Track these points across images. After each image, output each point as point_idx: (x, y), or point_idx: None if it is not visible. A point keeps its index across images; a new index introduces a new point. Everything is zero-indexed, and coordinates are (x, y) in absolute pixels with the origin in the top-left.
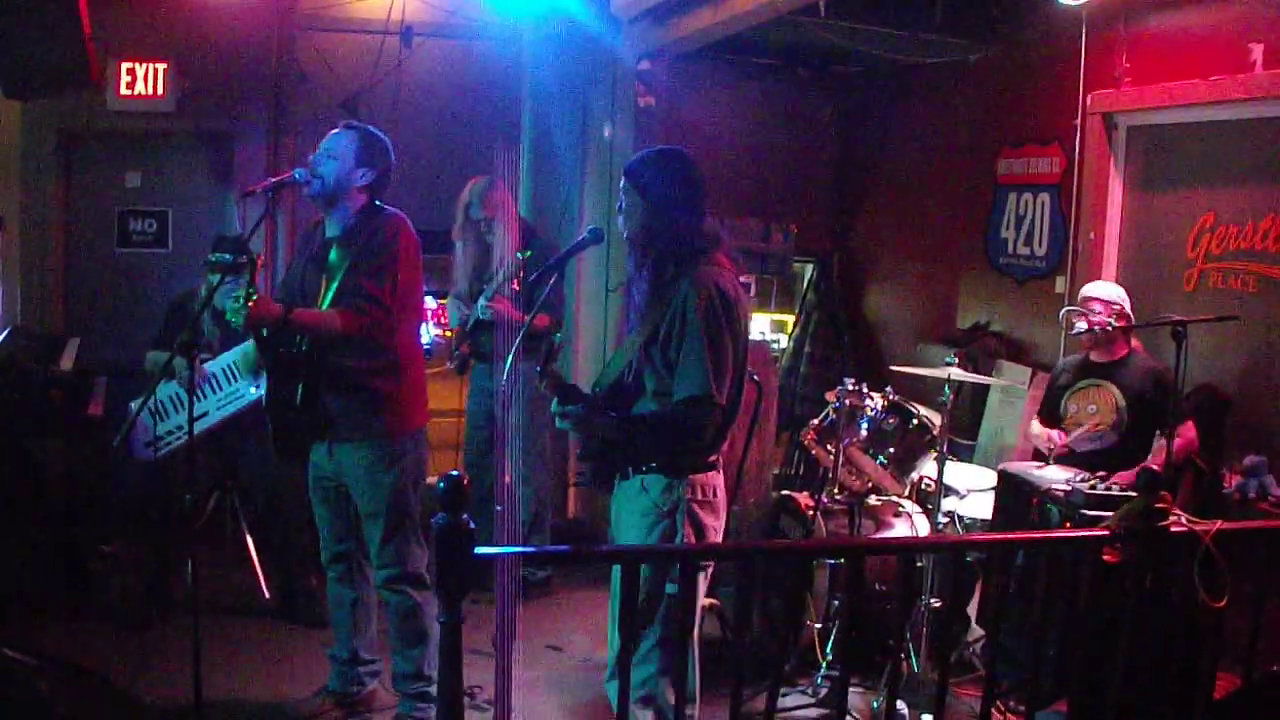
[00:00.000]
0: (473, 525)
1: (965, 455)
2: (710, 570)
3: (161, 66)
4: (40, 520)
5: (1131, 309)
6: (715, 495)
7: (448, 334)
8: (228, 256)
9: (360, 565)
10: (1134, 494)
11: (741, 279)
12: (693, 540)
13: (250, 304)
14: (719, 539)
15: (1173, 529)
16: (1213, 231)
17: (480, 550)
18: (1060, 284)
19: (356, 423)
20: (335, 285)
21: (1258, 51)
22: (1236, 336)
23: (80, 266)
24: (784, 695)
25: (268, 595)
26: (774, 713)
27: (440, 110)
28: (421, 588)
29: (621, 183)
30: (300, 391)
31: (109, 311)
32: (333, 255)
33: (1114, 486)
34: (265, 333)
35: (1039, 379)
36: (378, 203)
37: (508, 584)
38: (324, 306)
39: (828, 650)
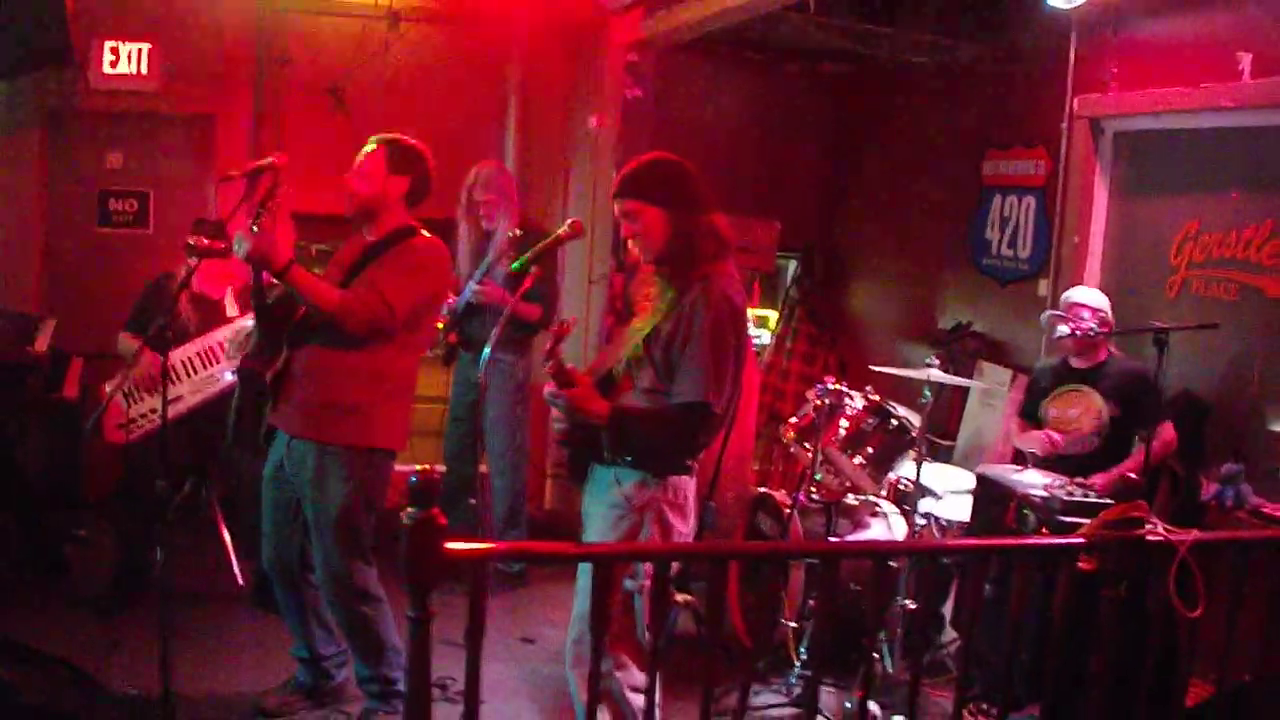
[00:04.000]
0: (444, 520)
1: (944, 456)
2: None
3: (145, 46)
4: (12, 503)
5: (1114, 316)
6: (686, 500)
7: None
8: (206, 241)
9: (302, 569)
10: (1111, 501)
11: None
12: (658, 541)
13: (258, 227)
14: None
15: (1149, 538)
16: (1196, 239)
17: (451, 546)
18: (1043, 287)
19: (318, 418)
20: (353, 275)
21: (1246, 60)
22: (1217, 344)
23: (59, 246)
24: (757, 694)
25: (241, 582)
26: (745, 710)
27: (426, 96)
28: (369, 601)
29: (623, 203)
30: (281, 361)
31: (87, 292)
32: (361, 260)
33: (1090, 492)
34: (269, 272)
35: (1019, 381)
36: (423, 230)
37: (479, 579)
38: None
39: (802, 649)
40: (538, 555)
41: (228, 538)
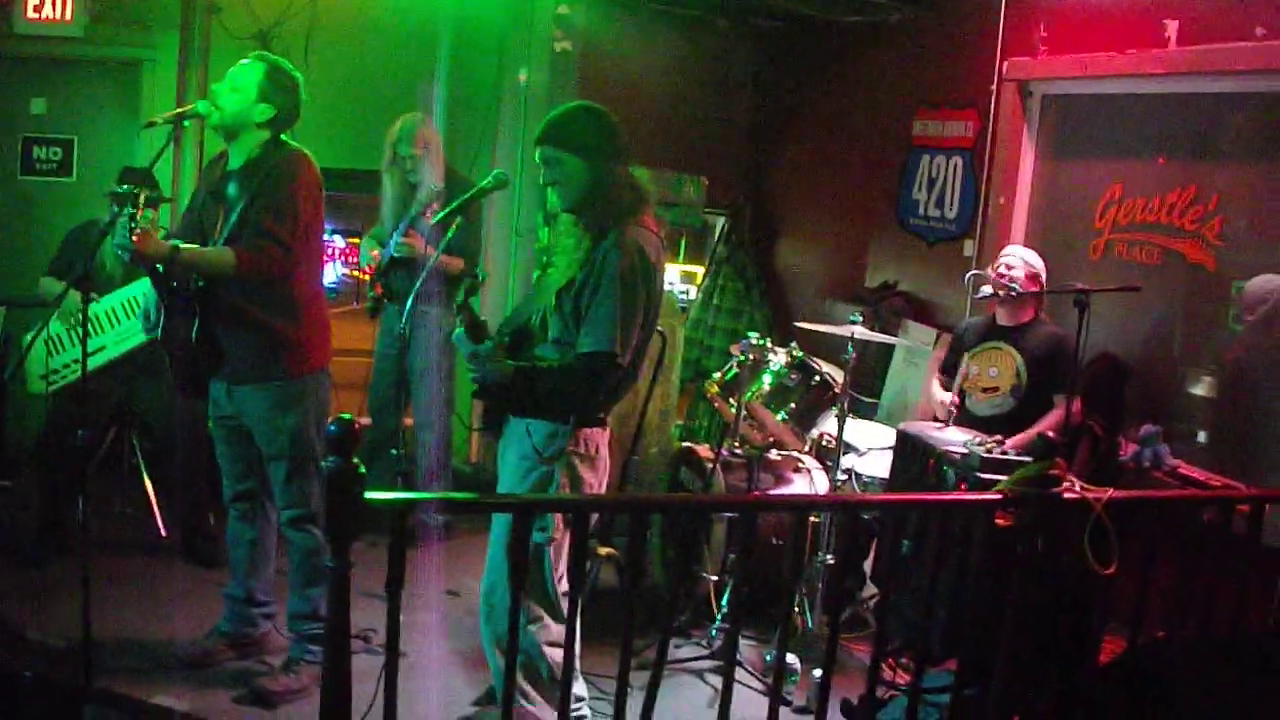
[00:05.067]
0: (363, 469)
1: (868, 413)
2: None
3: None
4: None
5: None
6: (597, 452)
7: (355, 274)
8: (132, 188)
9: (263, 504)
10: (1029, 459)
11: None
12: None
13: (135, 238)
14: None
15: (1065, 495)
16: (1120, 203)
17: (370, 495)
18: (969, 247)
19: (254, 364)
20: (234, 219)
21: (1173, 27)
22: (1139, 307)
23: None
24: (678, 647)
25: (164, 533)
26: (664, 662)
27: (356, 47)
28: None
29: (545, 151)
30: (195, 329)
31: (9, 241)
32: (231, 188)
33: (1009, 451)
34: (160, 269)
35: (944, 340)
36: (283, 138)
37: (400, 530)
38: (221, 241)
39: (723, 603)
40: (456, 505)
41: (150, 487)
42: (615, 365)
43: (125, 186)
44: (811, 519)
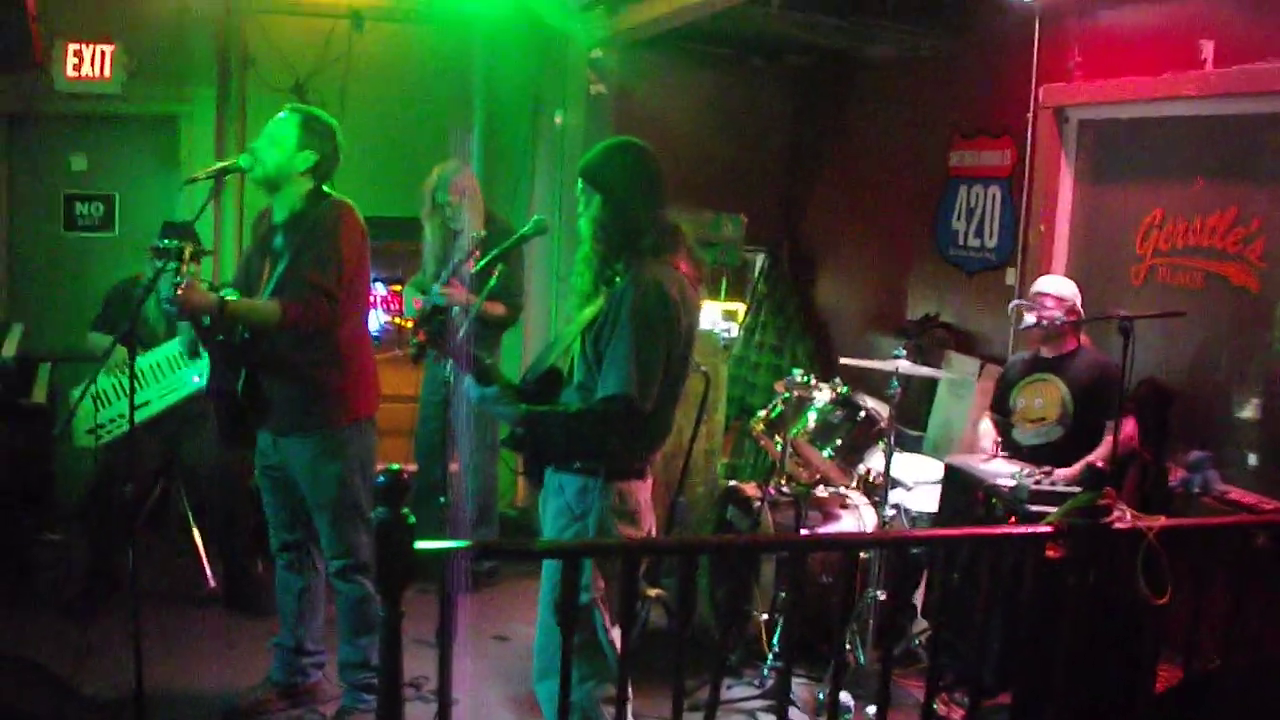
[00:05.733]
0: (413, 519)
1: (913, 446)
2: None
3: (108, 48)
4: None
5: (1082, 304)
6: (637, 506)
7: (397, 320)
8: (175, 242)
9: (310, 553)
10: (1078, 489)
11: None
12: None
13: (180, 292)
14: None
15: (1116, 525)
16: (1161, 227)
17: (420, 545)
18: (1010, 276)
19: (299, 414)
20: (279, 272)
21: (1208, 49)
22: (1183, 332)
23: (25, 251)
24: (729, 687)
25: (212, 584)
26: (717, 703)
27: (391, 95)
28: (372, 577)
29: (579, 184)
30: (242, 381)
31: (54, 297)
32: (278, 241)
33: (1057, 482)
34: (206, 322)
35: (988, 371)
36: (325, 189)
37: (450, 578)
38: (266, 294)
39: (774, 641)
40: (506, 552)
41: (199, 539)
42: (632, 408)
43: (167, 241)
44: (861, 555)
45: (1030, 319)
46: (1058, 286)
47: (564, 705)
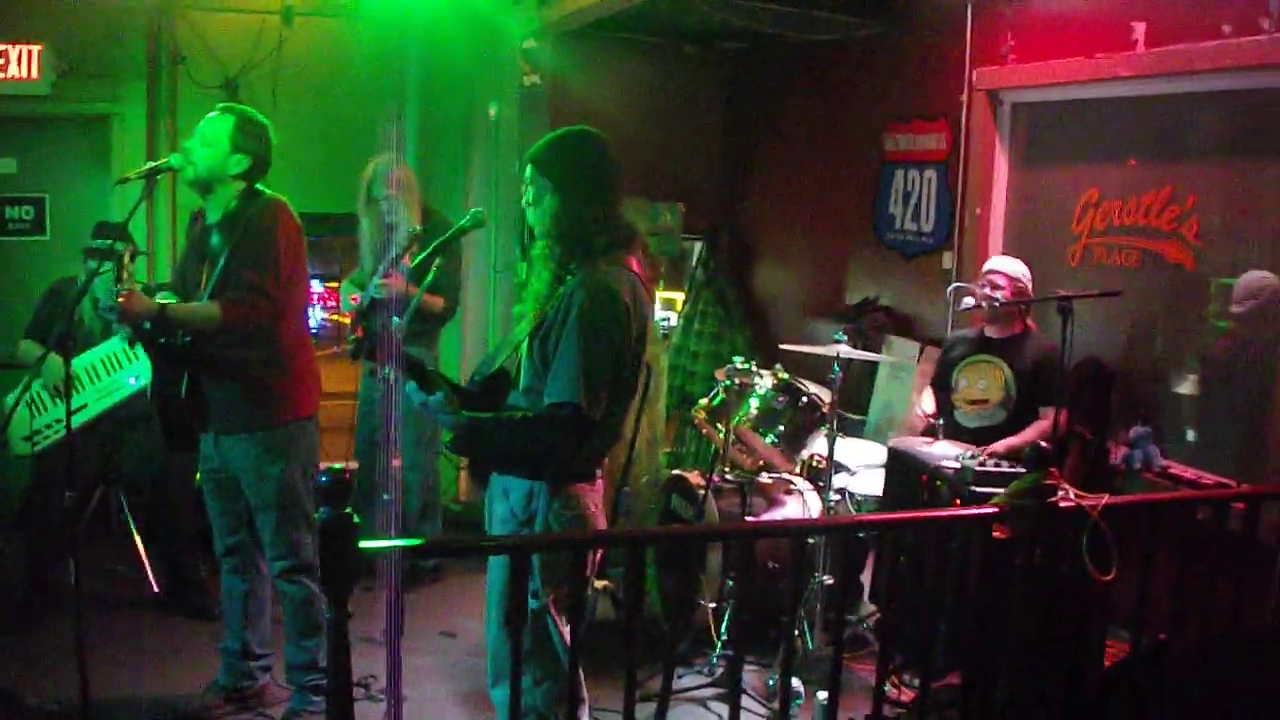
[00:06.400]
0: (356, 519)
1: (855, 431)
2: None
3: (36, 49)
4: None
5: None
6: (584, 510)
7: (335, 317)
8: (110, 243)
9: (254, 557)
10: (1022, 470)
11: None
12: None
13: (121, 300)
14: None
15: (1061, 505)
16: (1097, 207)
17: (365, 545)
18: (948, 259)
19: (241, 414)
20: (216, 274)
21: (1140, 30)
22: (1121, 310)
23: None
24: (679, 676)
25: (155, 589)
26: (670, 693)
27: (323, 91)
28: (317, 577)
29: (527, 170)
30: (185, 383)
31: None
32: (213, 242)
33: (1002, 462)
34: (147, 326)
35: (928, 354)
36: (258, 187)
37: (394, 578)
38: (205, 296)
39: (723, 630)
40: (451, 549)
41: (140, 544)
42: (580, 416)
43: (101, 241)
44: (808, 541)
45: (970, 301)
46: (1009, 266)
47: (514, 705)
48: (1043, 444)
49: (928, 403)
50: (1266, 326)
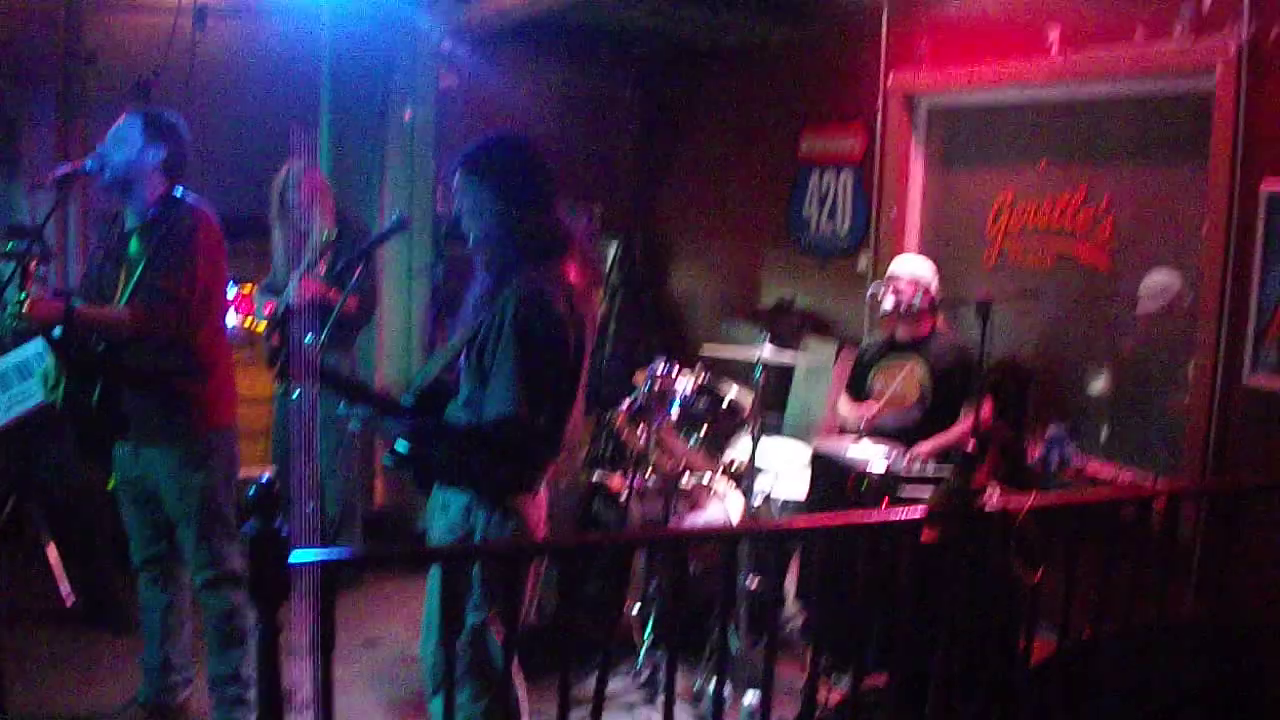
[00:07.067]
0: (286, 531)
1: (771, 430)
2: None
3: None
4: None
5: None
6: (524, 522)
7: (247, 323)
8: (23, 245)
9: (174, 568)
10: (947, 473)
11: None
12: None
13: (26, 306)
14: (525, 577)
15: (988, 507)
16: (1012, 209)
17: (296, 558)
18: (864, 261)
19: (160, 424)
20: (133, 280)
21: (1054, 35)
22: (1036, 311)
23: None
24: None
25: (70, 602)
26: (604, 698)
27: (237, 92)
28: (240, 588)
29: (457, 177)
30: (97, 392)
31: None
32: (131, 248)
33: (929, 464)
34: (58, 333)
35: (845, 353)
36: (178, 192)
37: (324, 590)
38: (121, 302)
39: (646, 633)
40: (384, 559)
41: (54, 555)
42: (523, 428)
43: (12, 244)
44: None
45: (889, 303)
46: (913, 269)
47: (448, 710)
48: (969, 446)
49: (845, 408)
50: (1172, 326)
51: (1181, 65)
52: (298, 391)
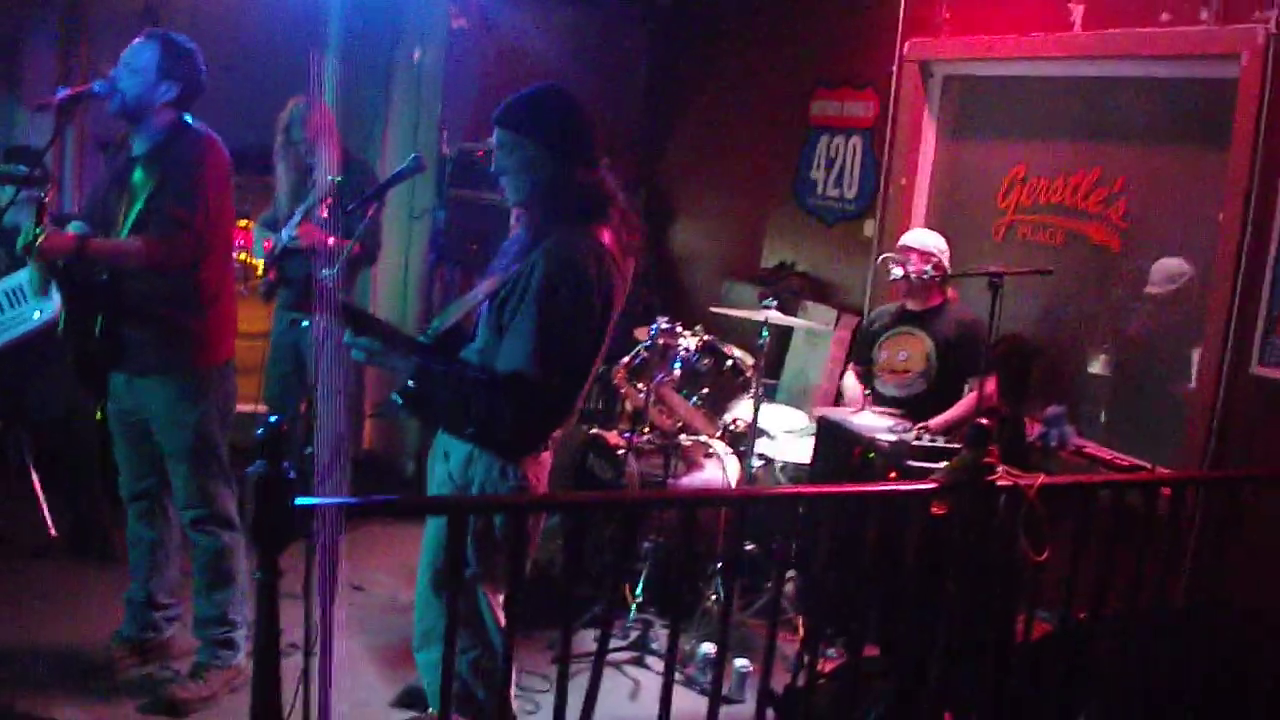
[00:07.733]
0: (293, 474)
1: (768, 394)
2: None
3: None
4: None
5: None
6: (525, 481)
7: (243, 256)
8: (22, 168)
9: (163, 504)
10: (957, 445)
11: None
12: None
13: (40, 241)
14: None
15: (999, 484)
16: (1024, 184)
17: (301, 501)
18: (869, 228)
19: (159, 356)
20: (138, 208)
21: (1078, 12)
22: (1043, 289)
23: None
24: (596, 640)
25: (53, 533)
26: (605, 653)
27: (244, 22)
28: (229, 528)
29: (502, 134)
30: (100, 322)
31: None
32: (137, 175)
33: (938, 437)
34: (61, 263)
35: (844, 320)
36: (187, 119)
37: (329, 536)
38: (125, 231)
39: (637, 593)
40: (393, 507)
41: (39, 486)
42: (535, 388)
43: (13, 167)
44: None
45: (898, 272)
46: (924, 241)
47: (447, 675)
48: (982, 421)
49: (852, 383)
50: (1180, 311)
51: (1206, 51)
52: (306, 321)
